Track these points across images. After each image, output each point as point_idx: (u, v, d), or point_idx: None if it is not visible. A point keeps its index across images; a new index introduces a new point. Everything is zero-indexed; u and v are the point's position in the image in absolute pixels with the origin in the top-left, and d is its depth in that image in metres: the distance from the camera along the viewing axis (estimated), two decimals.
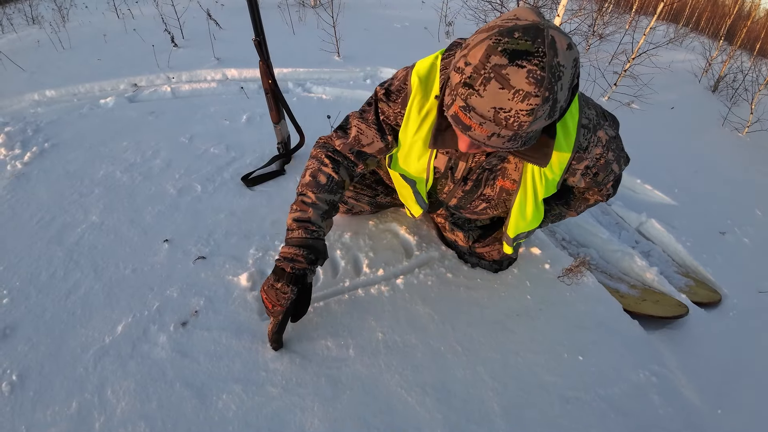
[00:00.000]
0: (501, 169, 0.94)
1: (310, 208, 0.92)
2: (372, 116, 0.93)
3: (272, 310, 0.90)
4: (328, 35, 3.22)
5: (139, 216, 1.35)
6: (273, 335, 0.95)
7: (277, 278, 0.88)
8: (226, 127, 1.93)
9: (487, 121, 0.61)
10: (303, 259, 0.89)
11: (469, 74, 0.59)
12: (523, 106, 0.57)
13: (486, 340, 1.09)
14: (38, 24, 3.56)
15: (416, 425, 0.91)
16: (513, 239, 1.10)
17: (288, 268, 0.88)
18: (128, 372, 0.93)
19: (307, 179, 0.95)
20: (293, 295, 0.88)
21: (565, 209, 1.14)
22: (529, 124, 0.60)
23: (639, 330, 1.22)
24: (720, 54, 5.34)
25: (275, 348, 0.98)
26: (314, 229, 0.91)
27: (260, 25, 1.31)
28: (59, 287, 1.11)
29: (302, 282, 0.89)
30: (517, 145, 0.65)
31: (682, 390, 1.10)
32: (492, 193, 0.99)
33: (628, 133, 2.78)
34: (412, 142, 0.91)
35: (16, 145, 1.66)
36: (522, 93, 0.56)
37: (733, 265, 1.71)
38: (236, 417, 0.88)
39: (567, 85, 0.60)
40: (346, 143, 0.96)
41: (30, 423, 0.84)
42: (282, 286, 0.87)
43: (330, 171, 0.94)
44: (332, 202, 0.95)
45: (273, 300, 0.88)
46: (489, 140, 0.64)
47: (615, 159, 0.92)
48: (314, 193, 0.93)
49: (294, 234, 0.91)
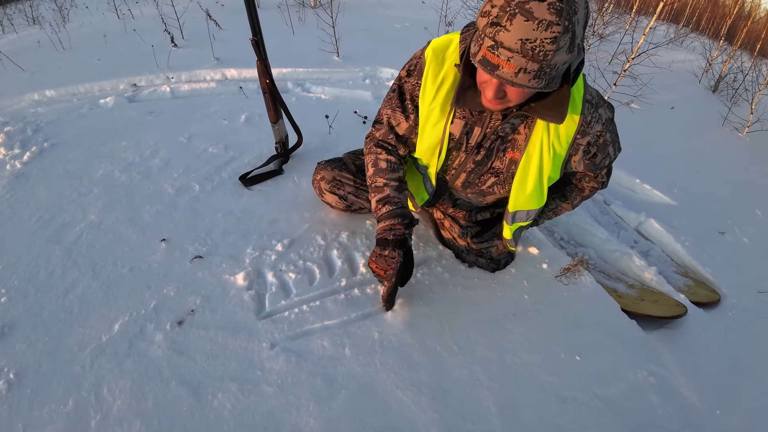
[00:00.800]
0: (512, 141, 0.96)
1: (385, 188, 1.04)
2: (396, 100, 1.02)
3: (385, 275, 0.99)
4: (327, 35, 3.22)
5: (137, 215, 1.36)
6: (388, 297, 1.05)
7: (383, 247, 0.99)
8: (224, 126, 1.93)
9: (515, 54, 0.65)
10: (400, 225, 1.00)
11: (495, 14, 0.65)
12: (547, 35, 0.63)
13: (483, 339, 1.09)
14: (39, 24, 3.57)
15: (412, 425, 0.90)
16: (512, 217, 1.09)
17: (390, 236, 0.99)
18: (125, 370, 0.93)
19: (371, 170, 1.07)
20: (401, 258, 0.99)
21: (561, 202, 1.16)
22: (553, 53, 0.65)
23: (637, 330, 1.22)
24: (720, 54, 5.33)
25: (388, 309, 1.09)
26: (397, 201, 1.03)
27: (258, 25, 1.32)
28: (57, 286, 1.11)
29: (405, 245, 1.00)
30: (542, 84, 0.69)
31: (680, 390, 1.09)
32: (501, 165, 1.01)
33: (628, 132, 2.78)
34: (429, 110, 0.96)
35: (16, 145, 1.67)
36: (545, 22, 0.62)
37: (733, 265, 1.71)
38: (232, 416, 0.88)
39: (582, 21, 0.66)
40: (383, 131, 1.07)
41: (27, 421, 0.85)
42: (390, 252, 0.98)
43: (385, 155, 1.06)
44: (399, 178, 1.07)
45: (384, 266, 0.98)
46: (516, 77, 0.68)
47: (612, 141, 0.98)
48: (381, 177, 1.05)
49: (382, 210, 1.03)
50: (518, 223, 1.11)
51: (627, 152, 2.44)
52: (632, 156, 2.39)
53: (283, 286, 1.16)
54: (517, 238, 1.18)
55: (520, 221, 1.11)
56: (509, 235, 1.15)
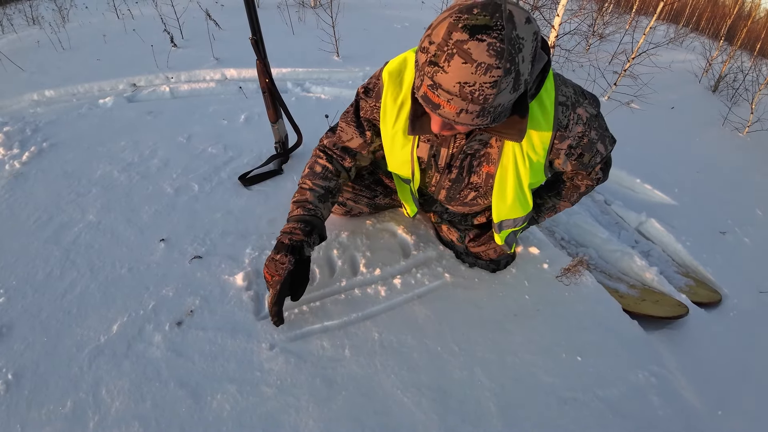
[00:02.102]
0: (485, 155, 0.94)
1: (308, 191, 1.03)
2: (352, 115, 1.01)
3: (271, 281, 0.94)
4: (327, 35, 3.22)
5: (136, 215, 1.35)
6: (273, 307, 0.96)
7: (277, 251, 0.95)
8: (224, 126, 1.93)
9: (454, 96, 0.63)
10: (300, 231, 0.97)
11: (433, 52, 0.61)
12: (486, 78, 0.60)
13: (483, 340, 1.09)
14: (38, 24, 3.57)
15: (412, 426, 0.90)
16: (499, 226, 1.08)
17: (286, 240, 0.96)
18: (123, 371, 0.93)
19: (305, 171, 1.07)
20: (291, 265, 0.93)
21: (557, 200, 1.13)
22: (494, 96, 0.62)
23: (638, 330, 1.21)
24: (720, 54, 5.33)
25: (276, 323, 0.98)
26: (311, 208, 1.00)
27: (257, 24, 1.31)
28: (55, 286, 1.11)
29: (299, 253, 0.95)
30: (487, 121, 0.67)
31: (681, 391, 1.09)
32: (479, 180, 0.99)
33: (628, 132, 2.78)
34: (393, 133, 0.95)
35: (15, 145, 1.67)
36: (484, 66, 0.58)
37: (734, 265, 1.70)
38: (230, 417, 0.87)
39: (528, 57, 0.62)
40: (332, 140, 1.07)
41: (25, 422, 0.84)
42: (280, 257, 0.93)
43: (324, 161, 1.05)
44: (327, 187, 1.04)
45: (272, 271, 0.94)
46: (458, 117, 0.65)
47: (599, 138, 0.91)
48: (311, 180, 1.04)
49: (293, 213, 1.01)
50: (507, 230, 1.11)
51: (627, 152, 2.45)
52: (632, 156, 2.39)
53: None
54: (511, 243, 1.17)
55: (508, 228, 1.10)
56: (501, 242, 1.15)
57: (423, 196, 1.19)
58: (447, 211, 1.24)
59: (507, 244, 1.17)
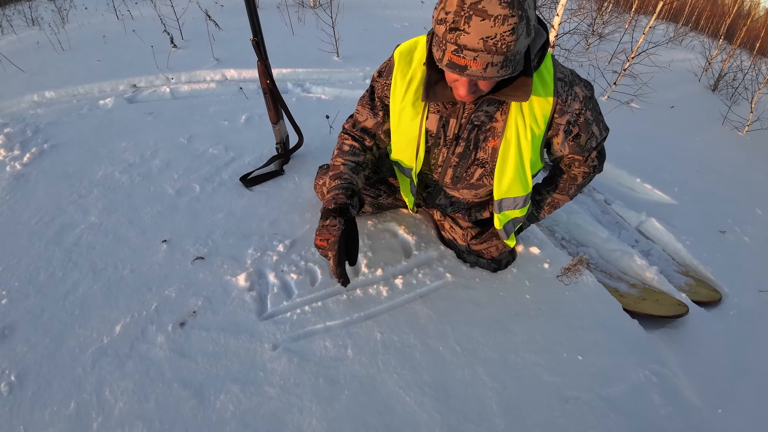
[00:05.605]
0: (491, 129, 0.97)
1: (341, 166, 1.08)
2: (367, 98, 1.09)
3: (328, 245, 0.96)
4: (327, 35, 3.22)
5: (137, 216, 1.35)
6: (336, 269, 0.97)
7: (325, 217, 0.98)
8: (224, 127, 1.93)
9: (480, 52, 0.69)
10: (342, 195, 1.02)
11: (452, 20, 0.68)
12: (505, 28, 0.67)
13: (485, 339, 1.09)
14: (38, 25, 3.57)
15: (414, 425, 0.90)
16: (499, 206, 1.09)
17: (332, 205, 1.00)
18: (126, 372, 0.93)
19: (334, 153, 1.12)
20: (342, 225, 0.97)
21: (555, 193, 1.15)
22: (515, 42, 0.69)
23: (639, 329, 1.22)
24: (720, 53, 5.33)
25: (343, 283, 1.00)
26: (347, 177, 1.06)
27: (258, 25, 1.31)
28: (58, 288, 1.11)
29: (347, 214, 1.00)
30: (510, 71, 0.73)
31: (682, 390, 1.09)
32: (485, 155, 1.02)
33: (628, 131, 2.79)
34: (401, 108, 0.99)
35: (16, 146, 1.67)
36: (501, 17, 0.66)
37: (734, 264, 1.71)
38: (234, 417, 0.88)
39: (532, 4, 0.70)
40: (351, 123, 1.14)
41: (28, 423, 0.84)
42: (330, 221, 0.97)
43: (350, 141, 1.12)
44: (357, 161, 1.10)
45: (326, 236, 0.96)
46: (486, 72, 0.71)
47: (594, 120, 0.98)
48: (342, 157, 1.10)
49: (331, 184, 1.05)
50: (506, 211, 1.11)
51: (627, 151, 2.46)
52: (632, 155, 2.39)
53: (285, 286, 1.16)
54: (509, 232, 1.18)
55: (508, 209, 1.11)
56: (500, 226, 1.15)
57: (427, 189, 1.20)
58: (452, 203, 1.24)
59: (506, 232, 1.17)
